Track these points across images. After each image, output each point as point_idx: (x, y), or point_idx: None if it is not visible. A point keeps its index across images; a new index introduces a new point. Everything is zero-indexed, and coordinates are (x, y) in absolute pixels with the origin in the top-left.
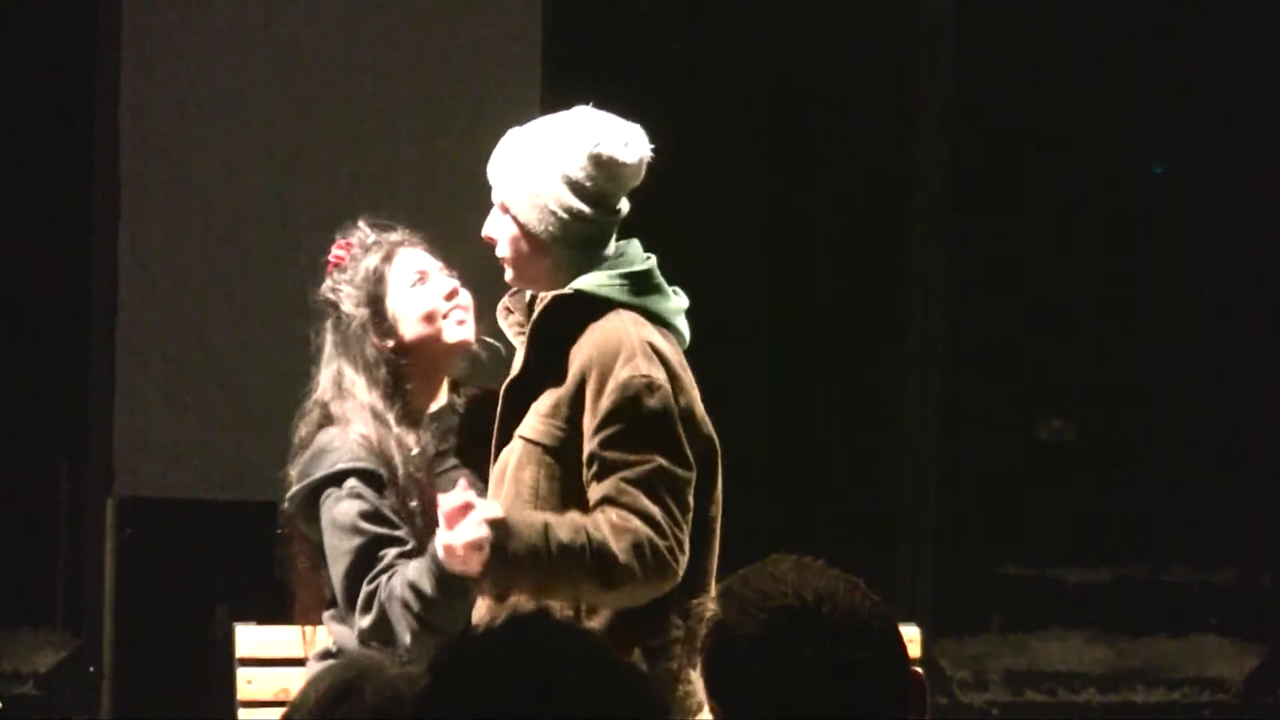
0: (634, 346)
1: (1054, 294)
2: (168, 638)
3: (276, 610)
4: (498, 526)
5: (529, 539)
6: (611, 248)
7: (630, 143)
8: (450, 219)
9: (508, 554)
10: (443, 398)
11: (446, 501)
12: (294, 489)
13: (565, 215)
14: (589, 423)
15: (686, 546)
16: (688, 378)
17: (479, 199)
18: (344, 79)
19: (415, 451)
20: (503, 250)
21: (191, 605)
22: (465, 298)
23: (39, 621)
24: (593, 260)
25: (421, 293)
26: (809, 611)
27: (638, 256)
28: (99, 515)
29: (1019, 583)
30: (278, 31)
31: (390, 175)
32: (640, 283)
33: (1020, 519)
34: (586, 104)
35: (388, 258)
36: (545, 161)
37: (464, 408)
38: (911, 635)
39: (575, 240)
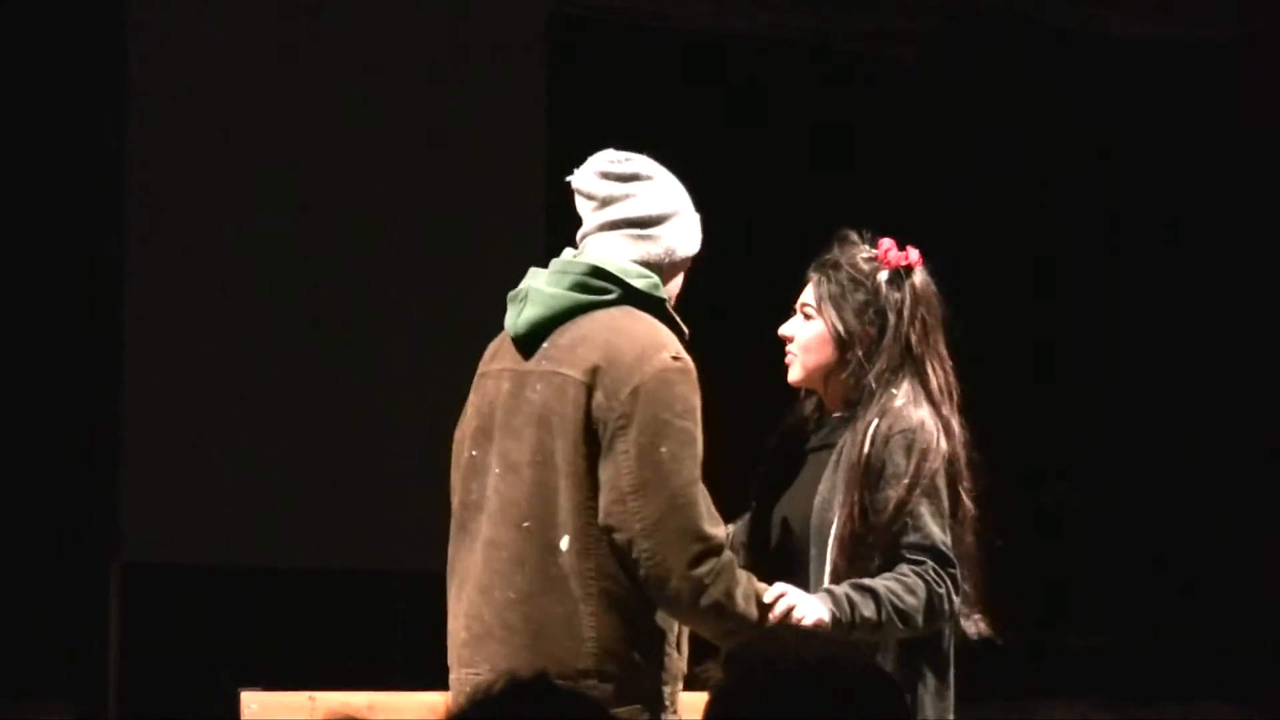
0: None
1: (1056, 359)
2: (173, 703)
3: (281, 675)
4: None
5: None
6: None
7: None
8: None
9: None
10: None
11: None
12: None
13: None
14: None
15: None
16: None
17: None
18: (355, 153)
19: None
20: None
21: (196, 670)
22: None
23: (44, 688)
24: None
25: None
26: (813, 676)
27: None
28: (104, 581)
29: (1022, 649)
30: (287, 111)
31: (401, 250)
32: None
33: (1023, 585)
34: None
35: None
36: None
37: None
38: None
39: None
